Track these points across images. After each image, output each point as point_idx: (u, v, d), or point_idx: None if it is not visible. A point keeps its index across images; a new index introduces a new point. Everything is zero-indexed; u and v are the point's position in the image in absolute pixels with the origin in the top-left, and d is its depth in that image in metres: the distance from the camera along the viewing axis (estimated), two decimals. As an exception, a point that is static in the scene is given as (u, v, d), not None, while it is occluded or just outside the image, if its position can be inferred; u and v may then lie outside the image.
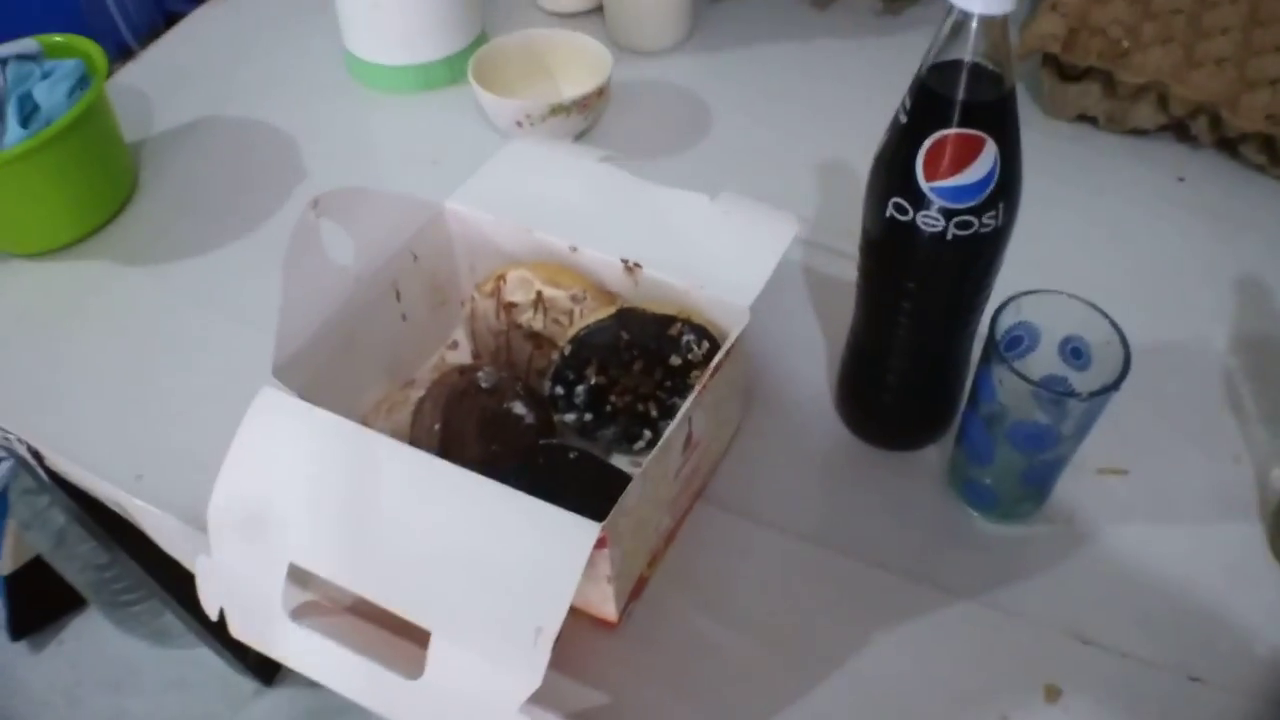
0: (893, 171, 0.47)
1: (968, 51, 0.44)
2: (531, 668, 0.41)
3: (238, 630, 0.49)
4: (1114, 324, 0.50)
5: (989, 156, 0.45)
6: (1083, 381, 0.52)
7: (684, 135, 0.82)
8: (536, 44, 0.82)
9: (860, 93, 0.84)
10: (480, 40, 0.86)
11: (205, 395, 0.63)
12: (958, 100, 0.44)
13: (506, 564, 0.43)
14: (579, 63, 0.82)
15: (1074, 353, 0.52)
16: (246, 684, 1.27)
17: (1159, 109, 0.75)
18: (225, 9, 0.98)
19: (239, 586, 0.49)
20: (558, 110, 0.75)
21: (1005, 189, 0.47)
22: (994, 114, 0.45)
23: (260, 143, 0.81)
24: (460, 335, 0.65)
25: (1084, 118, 0.79)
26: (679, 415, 0.47)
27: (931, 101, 0.45)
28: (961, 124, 0.45)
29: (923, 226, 0.47)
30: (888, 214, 0.48)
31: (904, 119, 0.47)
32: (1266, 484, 0.57)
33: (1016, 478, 0.53)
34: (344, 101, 0.85)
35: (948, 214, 0.46)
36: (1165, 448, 0.59)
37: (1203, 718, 0.49)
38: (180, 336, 0.67)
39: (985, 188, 0.46)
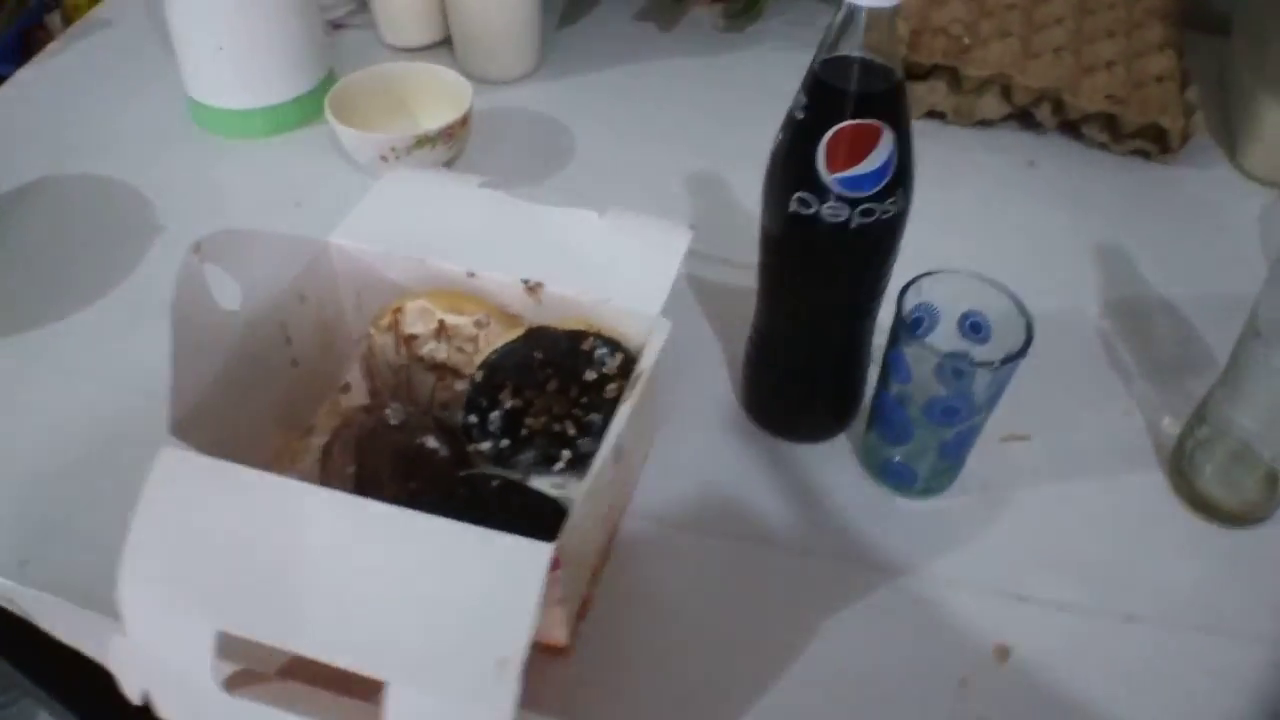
0: (793, 167, 0.48)
1: (858, 46, 0.45)
2: (498, 702, 0.40)
3: (166, 712, 0.45)
4: (1012, 296, 0.52)
5: (887, 144, 0.47)
6: (985, 354, 0.53)
7: (550, 160, 0.82)
8: (391, 78, 0.80)
9: (714, 105, 0.87)
10: (329, 79, 0.84)
11: (84, 468, 0.58)
12: (853, 92, 0.46)
13: (458, 598, 0.41)
14: (435, 95, 0.80)
15: (973, 327, 0.54)
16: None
17: (1003, 100, 0.80)
18: (53, 66, 0.92)
19: (162, 665, 0.45)
20: (423, 142, 0.73)
21: (902, 175, 0.48)
22: (888, 103, 0.46)
23: (108, 199, 0.76)
24: (353, 377, 0.62)
25: (933, 113, 0.83)
26: (616, 425, 0.47)
27: (828, 95, 0.46)
28: (858, 115, 0.46)
29: (827, 218, 0.48)
30: (791, 209, 0.49)
31: (800, 115, 0.47)
32: (1159, 431, 0.61)
33: (935, 452, 0.55)
34: (192, 150, 0.81)
35: (852, 203, 0.47)
36: (1060, 411, 0.62)
37: (1144, 653, 0.51)
38: (48, 409, 0.62)
39: (885, 175, 0.47)
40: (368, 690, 0.47)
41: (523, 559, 0.41)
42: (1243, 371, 0.53)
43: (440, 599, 0.41)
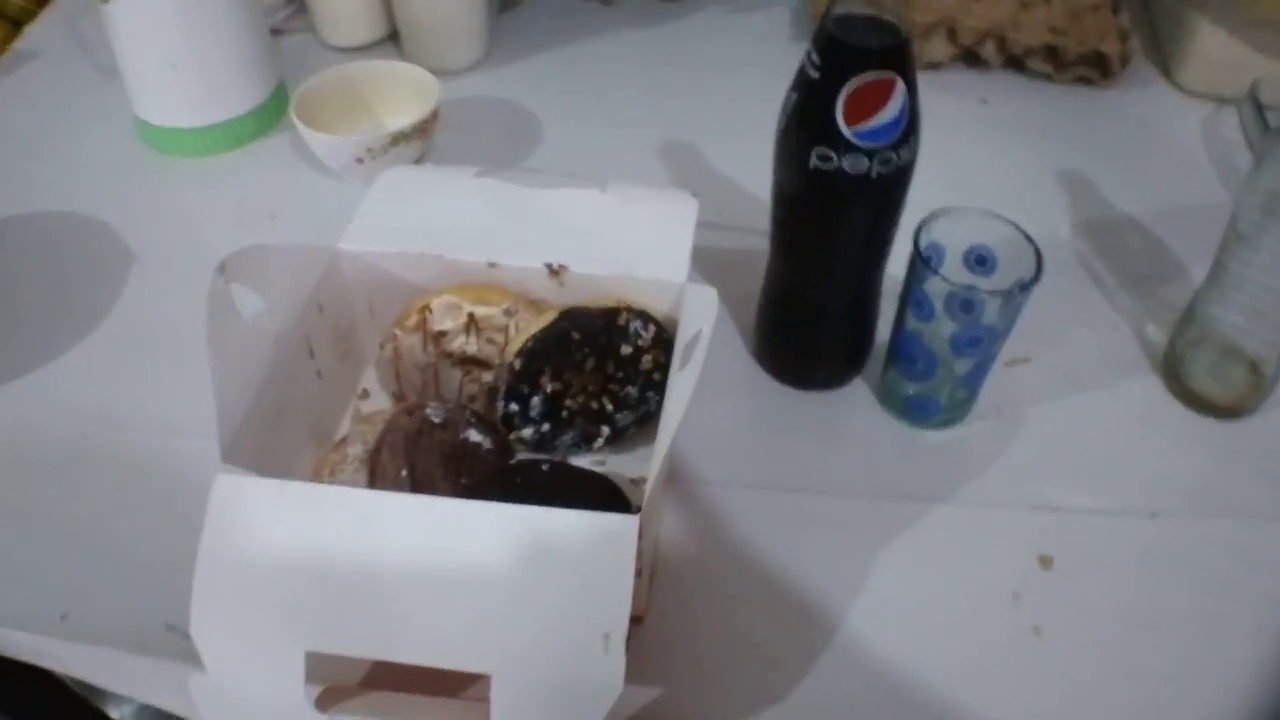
0: (811, 124, 0.50)
1: (861, 2, 0.47)
2: (609, 675, 0.40)
3: (264, 743, 0.45)
4: (1016, 226, 0.54)
5: (900, 96, 0.48)
6: (992, 285, 0.56)
7: (519, 144, 0.82)
8: (352, 78, 0.79)
9: (667, 76, 0.89)
10: (280, 89, 0.82)
11: (111, 511, 0.57)
12: (868, 47, 0.47)
13: (553, 581, 0.42)
14: (397, 90, 0.80)
15: (979, 260, 0.57)
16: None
17: (950, 41, 0.82)
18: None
19: (250, 695, 0.44)
20: (398, 139, 0.73)
21: (913, 123, 0.50)
22: (899, 55, 0.48)
23: (76, 234, 0.74)
24: (370, 383, 0.62)
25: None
26: (683, 392, 0.47)
27: (842, 52, 0.48)
28: (874, 68, 0.47)
29: (848, 170, 0.50)
30: (811, 165, 0.50)
31: (815, 74, 0.49)
32: (1146, 339, 0.65)
33: (957, 382, 0.57)
34: (150, 174, 0.79)
35: (870, 154, 0.49)
36: (1054, 332, 0.65)
37: (1173, 544, 0.55)
38: (59, 455, 0.60)
39: (899, 124, 0.49)
40: (456, 686, 0.48)
41: (613, 533, 0.42)
42: (1226, 273, 0.57)
43: (535, 584, 0.42)
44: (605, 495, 0.53)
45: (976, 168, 0.76)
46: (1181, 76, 0.84)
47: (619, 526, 0.42)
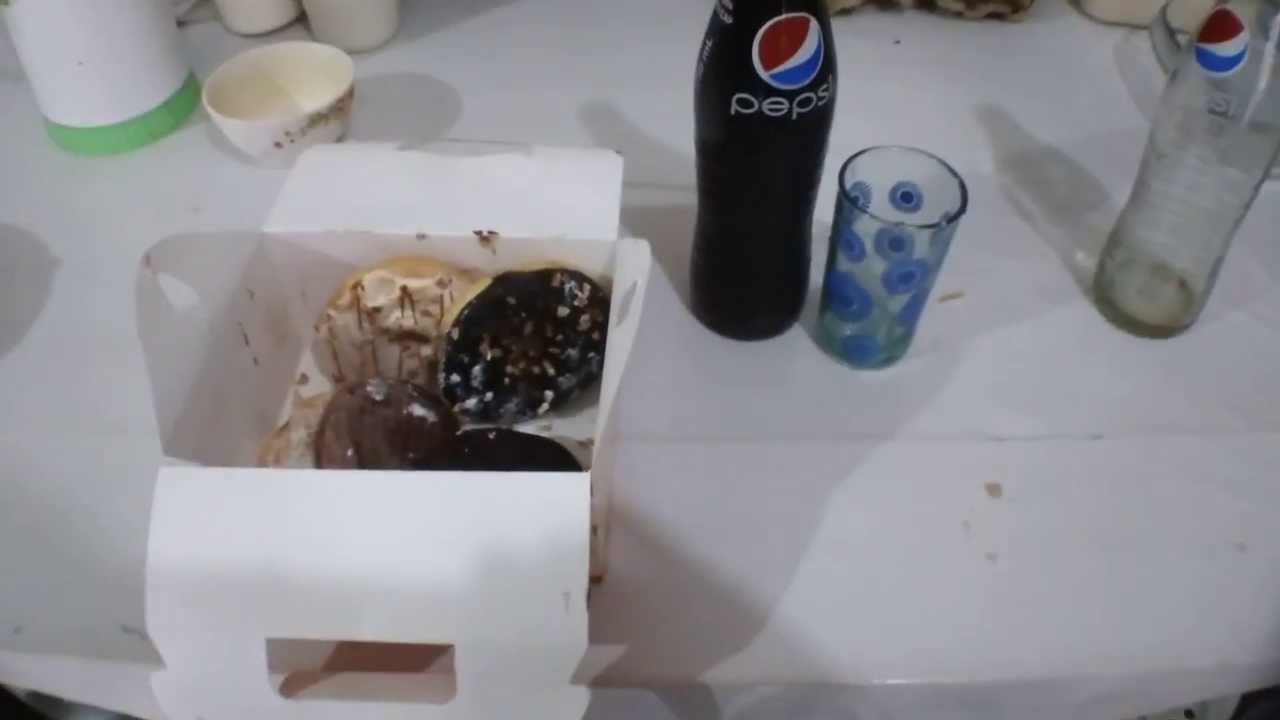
0: (729, 70, 0.49)
1: (770, -58, 0.47)
2: (573, 633, 0.41)
3: (230, 734, 0.44)
4: (941, 161, 0.55)
5: (815, 35, 0.48)
6: (920, 220, 0.57)
7: (438, 118, 0.81)
8: (264, 63, 0.78)
9: (579, 38, 0.88)
10: (191, 80, 0.80)
11: (55, 518, 0.55)
12: (776, -12, 0.47)
13: (510, 545, 0.42)
14: (310, 73, 0.78)
15: (904, 197, 0.57)
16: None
17: (861, -15, 0.83)
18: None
19: (214, 686, 0.44)
20: (316, 120, 0.71)
21: (829, 62, 0.50)
22: (809, -6, 0.48)
23: (-9, 242, 0.72)
24: (308, 367, 0.61)
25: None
26: (622, 348, 0.47)
27: (753, -4, 0.48)
28: (786, 10, 0.47)
29: (769, 113, 0.50)
30: (732, 112, 0.50)
31: (728, 19, 0.49)
32: (1074, 265, 0.66)
33: (893, 320, 0.58)
34: (63, 175, 0.77)
35: (790, 95, 0.49)
36: (985, 265, 0.66)
37: (1118, 465, 0.56)
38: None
39: (816, 64, 0.49)
40: (422, 660, 0.48)
41: (564, 493, 0.42)
42: (1149, 192, 0.58)
43: (490, 550, 0.42)
44: (554, 459, 0.53)
45: (896, 109, 0.76)
46: (1091, 6, 0.85)
47: (570, 486, 0.42)
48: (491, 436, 0.54)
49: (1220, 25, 0.51)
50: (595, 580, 0.51)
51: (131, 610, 0.42)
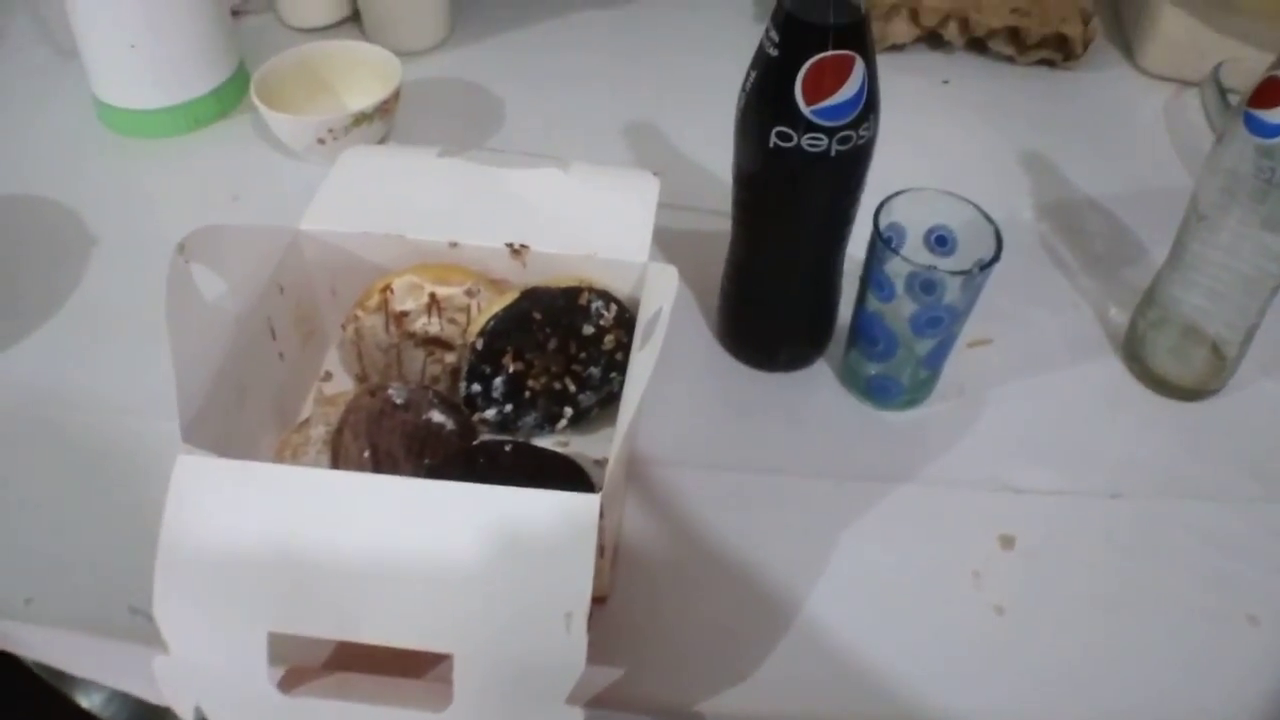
0: (771, 103, 0.50)
1: (821, -20, 0.47)
2: (571, 655, 0.41)
3: (224, 722, 0.45)
4: (977, 207, 0.55)
5: (859, 74, 0.48)
6: (953, 265, 0.57)
7: (483, 125, 0.81)
8: (313, 59, 0.78)
9: (631, 52, 0.88)
10: (241, 70, 0.81)
11: (74, 494, 0.56)
12: (826, 25, 0.47)
13: (514, 560, 0.42)
14: (358, 71, 0.79)
15: (939, 240, 0.57)
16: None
17: (912, 23, 0.83)
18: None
19: (214, 677, 0.44)
20: (360, 120, 0.72)
21: (872, 101, 0.50)
22: (857, 34, 0.48)
23: (34, 218, 0.73)
24: (332, 364, 0.62)
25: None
26: (644, 371, 0.47)
27: (801, 31, 0.48)
28: (832, 47, 0.47)
29: (808, 148, 0.50)
30: (771, 144, 0.50)
31: (774, 52, 0.49)
32: (1108, 319, 0.65)
33: (919, 363, 0.58)
34: (110, 156, 0.78)
35: (830, 132, 0.49)
36: (1016, 313, 0.65)
37: (1135, 525, 0.55)
38: (21, 440, 0.59)
39: (858, 103, 0.49)
40: (420, 667, 0.48)
41: (574, 512, 0.42)
42: (1187, 253, 0.58)
43: (497, 564, 0.42)
44: (568, 476, 0.53)
45: (938, 149, 0.77)
46: (1144, 59, 0.84)
47: (581, 505, 0.42)
48: (508, 448, 0.54)
49: (1271, 91, 0.51)
50: (600, 601, 0.51)
51: (139, 591, 0.42)
